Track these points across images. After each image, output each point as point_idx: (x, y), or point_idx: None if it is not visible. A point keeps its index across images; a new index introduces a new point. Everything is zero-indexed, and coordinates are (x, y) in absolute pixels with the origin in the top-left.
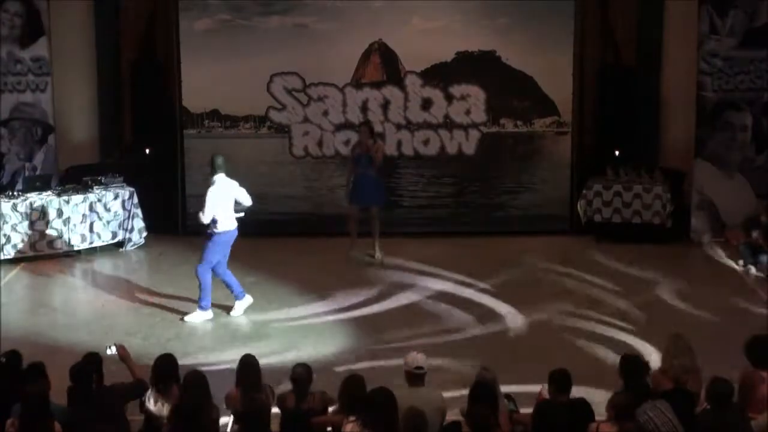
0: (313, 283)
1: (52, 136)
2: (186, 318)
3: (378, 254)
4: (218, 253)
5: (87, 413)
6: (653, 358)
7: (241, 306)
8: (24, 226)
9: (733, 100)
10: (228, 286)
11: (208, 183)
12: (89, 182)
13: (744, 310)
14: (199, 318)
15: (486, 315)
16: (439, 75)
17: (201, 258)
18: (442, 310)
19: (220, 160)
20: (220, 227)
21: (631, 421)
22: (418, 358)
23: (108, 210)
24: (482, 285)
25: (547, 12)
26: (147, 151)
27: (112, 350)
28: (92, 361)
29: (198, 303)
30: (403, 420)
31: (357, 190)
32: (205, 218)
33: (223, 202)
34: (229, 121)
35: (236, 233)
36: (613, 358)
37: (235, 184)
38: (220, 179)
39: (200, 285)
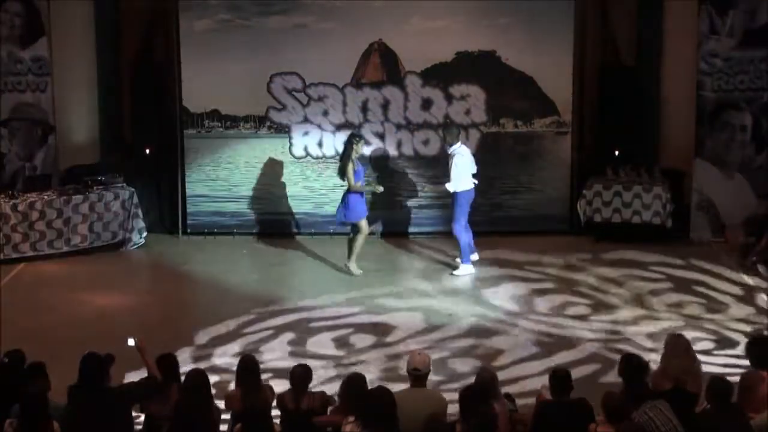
0: (313, 283)
1: (52, 136)
2: (454, 272)
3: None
4: (465, 209)
5: (93, 413)
6: (653, 357)
7: (465, 269)
8: (24, 226)
9: (733, 100)
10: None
11: (449, 152)
12: (89, 182)
13: (743, 311)
14: (464, 271)
15: (486, 314)
16: (439, 75)
17: (454, 218)
18: (443, 310)
19: (456, 129)
20: (462, 187)
21: (624, 421)
22: (416, 360)
23: (108, 210)
24: (482, 285)
25: (547, 12)
26: (147, 151)
27: (132, 341)
28: (99, 360)
29: (461, 259)
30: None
31: (364, 203)
32: (452, 187)
33: (467, 165)
34: (229, 121)
35: (474, 192)
36: (614, 358)
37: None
38: (460, 146)
39: (460, 243)
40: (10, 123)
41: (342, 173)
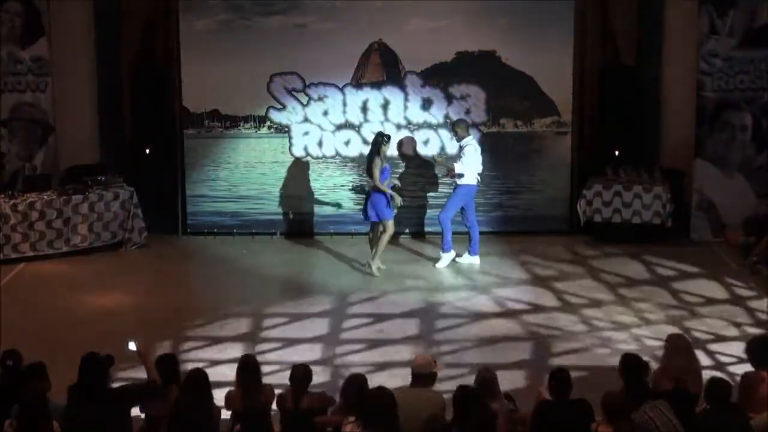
0: (313, 283)
1: (52, 136)
2: (437, 265)
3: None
4: (459, 202)
5: (92, 414)
6: (654, 357)
7: (469, 259)
8: (24, 226)
9: (733, 100)
10: (470, 238)
11: (460, 145)
12: (89, 182)
13: (744, 310)
14: (446, 261)
15: (486, 314)
16: (439, 75)
17: (444, 207)
18: (444, 311)
19: (466, 123)
20: (464, 180)
21: (623, 421)
22: (418, 361)
23: (108, 210)
24: (482, 285)
25: (547, 12)
26: (147, 151)
27: (133, 345)
28: (98, 361)
29: (441, 248)
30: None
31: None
32: (460, 168)
33: (476, 160)
34: (229, 121)
35: (476, 188)
36: (613, 358)
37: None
38: (471, 139)
39: (443, 230)
40: (10, 123)
41: (369, 171)
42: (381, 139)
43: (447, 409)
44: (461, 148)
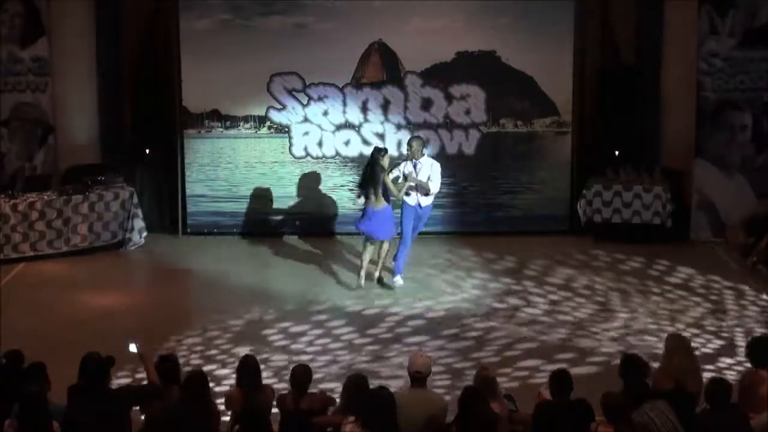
0: (313, 283)
1: (52, 136)
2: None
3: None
4: (412, 220)
5: (92, 414)
6: (653, 358)
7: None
8: (24, 226)
9: (733, 100)
10: (399, 256)
11: (420, 160)
12: (89, 182)
13: (745, 310)
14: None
15: (485, 315)
16: (439, 75)
17: (403, 233)
18: (443, 310)
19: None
20: (410, 200)
21: (623, 421)
22: (418, 362)
23: (108, 210)
24: (482, 285)
25: (547, 12)
26: (147, 151)
27: (133, 347)
28: (99, 361)
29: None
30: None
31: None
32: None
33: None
34: (229, 121)
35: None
36: (613, 358)
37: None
38: (426, 159)
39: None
40: (10, 123)
41: (378, 189)
42: (378, 154)
43: (447, 410)
44: (416, 165)
